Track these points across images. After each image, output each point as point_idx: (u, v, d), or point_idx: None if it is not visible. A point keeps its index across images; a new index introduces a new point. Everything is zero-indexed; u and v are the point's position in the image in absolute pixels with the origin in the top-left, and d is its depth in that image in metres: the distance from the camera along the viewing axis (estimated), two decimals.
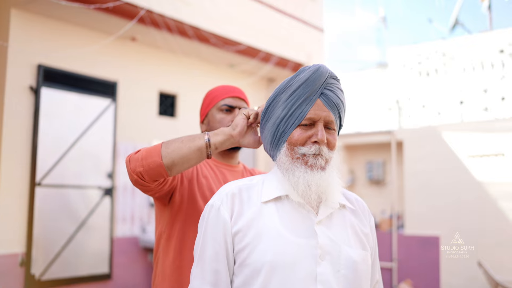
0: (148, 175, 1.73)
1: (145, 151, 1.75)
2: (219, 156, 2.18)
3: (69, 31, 5.85)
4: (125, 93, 6.34)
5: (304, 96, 1.53)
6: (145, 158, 1.73)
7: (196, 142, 1.73)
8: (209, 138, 1.73)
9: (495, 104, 8.67)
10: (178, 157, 1.72)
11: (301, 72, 1.57)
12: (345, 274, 1.47)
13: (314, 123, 1.53)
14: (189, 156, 1.73)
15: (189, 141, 1.73)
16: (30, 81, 5.40)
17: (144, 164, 1.72)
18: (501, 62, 9.10)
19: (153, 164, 1.71)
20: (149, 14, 5.71)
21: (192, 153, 1.72)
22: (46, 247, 5.40)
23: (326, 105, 1.54)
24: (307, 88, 1.53)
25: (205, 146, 1.73)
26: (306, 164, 1.51)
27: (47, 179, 5.44)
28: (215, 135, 1.74)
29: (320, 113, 1.53)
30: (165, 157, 1.70)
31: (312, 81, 1.54)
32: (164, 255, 1.99)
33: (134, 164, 1.74)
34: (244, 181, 1.61)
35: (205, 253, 1.50)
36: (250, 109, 1.78)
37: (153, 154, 1.72)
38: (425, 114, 9.46)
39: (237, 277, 1.48)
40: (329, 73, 1.57)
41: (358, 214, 1.66)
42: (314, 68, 1.56)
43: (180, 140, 1.74)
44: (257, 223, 1.48)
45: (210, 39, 6.62)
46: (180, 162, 1.73)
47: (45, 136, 5.45)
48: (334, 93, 1.56)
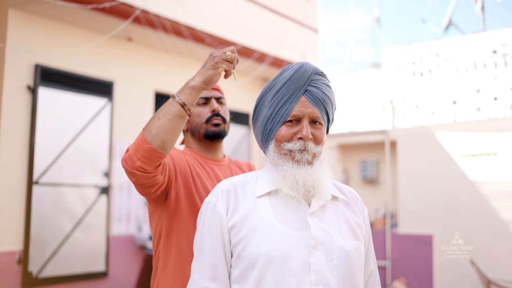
0: (148, 164, 1.75)
1: (132, 146, 1.77)
2: (205, 151, 2.22)
3: (66, 31, 5.89)
4: (121, 92, 6.38)
5: (288, 94, 1.58)
6: (136, 151, 1.74)
7: (173, 111, 1.74)
8: (181, 99, 1.75)
9: (487, 104, 8.74)
10: (164, 134, 1.73)
11: (285, 71, 1.62)
12: (338, 264, 1.53)
13: (299, 119, 1.58)
14: (174, 127, 1.75)
15: (165, 114, 1.74)
16: (27, 80, 5.44)
17: (138, 157, 1.73)
18: (493, 62, 9.18)
19: (146, 152, 1.72)
20: (145, 14, 5.76)
21: (174, 123, 1.74)
22: (43, 245, 5.44)
23: (310, 101, 1.59)
24: (290, 86, 1.59)
25: (182, 110, 1.75)
26: (293, 160, 1.57)
27: (44, 178, 5.48)
28: (182, 93, 1.76)
29: (304, 110, 1.58)
30: (153, 141, 1.71)
31: (295, 79, 1.59)
32: (165, 251, 2.03)
33: (130, 162, 1.75)
34: (238, 178, 1.68)
35: (204, 248, 1.56)
36: (224, 55, 1.79)
37: (141, 144, 1.73)
38: (419, 114, 9.52)
39: (235, 270, 1.54)
40: (313, 70, 1.62)
41: (351, 205, 1.70)
42: (297, 66, 1.61)
43: (157, 118, 1.75)
44: (252, 217, 1.54)
45: (205, 39, 6.67)
46: (169, 137, 1.75)
47: (42, 135, 5.50)
48: (319, 89, 1.61)
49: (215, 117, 2.18)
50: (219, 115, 2.19)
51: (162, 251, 2.04)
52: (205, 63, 1.80)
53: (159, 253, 2.06)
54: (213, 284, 1.52)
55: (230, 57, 1.77)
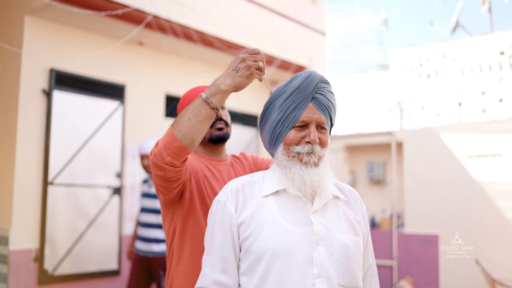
0: (177, 160, 1.85)
1: (161, 142, 1.84)
2: (210, 154, 2.31)
3: (80, 36, 5.98)
4: (133, 95, 6.46)
5: (297, 101, 1.69)
6: (166, 147, 1.82)
7: (204, 113, 1.80)
8: (212, 102, 1.79)
9: (492, 105, 8.74)
10: (195, 133, 1.81)
11: (294, 79, 1.73)
12: (338, 258, 1.63)
13: (307, 124, 1.69)
14: (204, 127, 1.82)
15: (196, 116, 1.79)
16: (42, 84, 5.55)
17: (169, 152, 1.82)
18: (498, 64, 9.20)
19: (177, 149, 1.81)
20: (156, 20, 5.84)
21: (204, 124, 1.82)
22: (58, 244, 5.54)
23: (317, 108, 1.70)
24: (299, 94, 1.69)
25: (213, 112, 1.81)
26: (301, 162, 1.68)
27: (59, 179, 5.59)
28: (213, 96, 1.80)
29: (312, 115, 1.69)
30: (184, 139, 1.80)
31: (304, 87, 1.70)
32: (179, 248, 2.11)
33: (160, 157, 1.84)
34: (246, 178, 1.78)
35: (214, 243, 1.66)
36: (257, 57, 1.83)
37: (171, 141, 1.81)
38: (425, 115, 9.54)
39: (243, 263, 1.64)
40: (320, 78, 1.73)
41: (351, 204, 1.80)
42: (305, 75, 1.72)
43: (187, 118, 1.80)
44: (259, 214, 1.64)
45: (214, 43, 6.73)
46: (198, 137, 1.83)
47: (57, 137, 5.60)
48: (324, 96, 1.72)
49: (218, 122, 2.27)
50: (221, 119, 2.28)
51: (176, 248, 2.13)
52: (237, 67, 1.80)
53: (173, 251, 2.14)
54: (223, 276, 1.63)
55: (262, 67, 1.83)
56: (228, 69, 1.82)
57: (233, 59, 1.85)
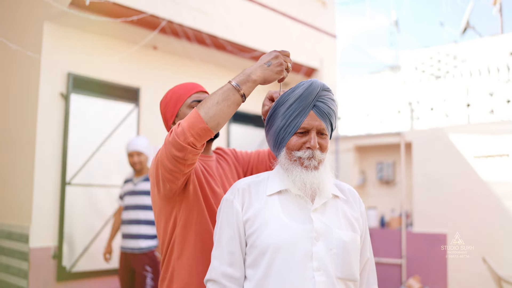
0: (199, 142, 1.84)
1: (185, 123, 1.83)
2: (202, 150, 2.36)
3: (96, 41, 6.10)
4: (147, 98, 6.55)
5: (299, 109, 1.80)
6: (191, 127, 1.81)
7: (233, 99, 1.83)
8: (241, 88, 1.83)
9: (500, 106, 8.76)
10: (221, 116, 1.83)
11: (296, 88, 1.84)
12: (337, 252, 1.73)
13: (308, 131, 1.80)
14: (230, 112, 1.85)
15: (225, 100, 1.82)
16: (61, 88, 5.69)
17: (192, 133, 1.81)
18: (506, 65, 9.22)
19: (201, 130, 1.81)
20: (169, 25, 5.98)
21: (231, 109, 1.84)
22: (76, 242, 5.68)
23: (318, 115, 1.80)
24: (301, 102, 1.80)
25: (241, 100, 1.85)
26: (302, 165, 1.79)
27: (76, 179, 5.74)
28: (243, 84, 1.84)
29: (312, 123, 1.79)
30: (210, 122, 1.81)
31: (305, 96, 1.80)
32: (182, 240, 2.11)
33: (183, 137, 1.82)
34: (252, 178, 1.91)
35: (222, 238, 1.79)
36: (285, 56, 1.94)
37: (197, 122, 1.81)
38: (433, 116, 9.57)
39: (249, 257, 1.77)
40: (321, 87, 1.83)
41: (350, 202, 1.92)
42: (307, 84, 1.83)
43: (215, 101, 1.82)
44: (263, 212, 1.76)
45: (226, 47, 6.85)
46: (224, 120, 1.86)
47: (74, 139, 5.74)
48: (325, 104, 1.82)
49: None
50: None
51: (177, 241, 2.12)
52: (269, 61, 1.87)
53: (173, 244, 2.13)
54: (231, 269, 1.74)
55: (289, 68, 1.95)
56: (259, 62, 1.89)
57: (264, 54, 1.92)
